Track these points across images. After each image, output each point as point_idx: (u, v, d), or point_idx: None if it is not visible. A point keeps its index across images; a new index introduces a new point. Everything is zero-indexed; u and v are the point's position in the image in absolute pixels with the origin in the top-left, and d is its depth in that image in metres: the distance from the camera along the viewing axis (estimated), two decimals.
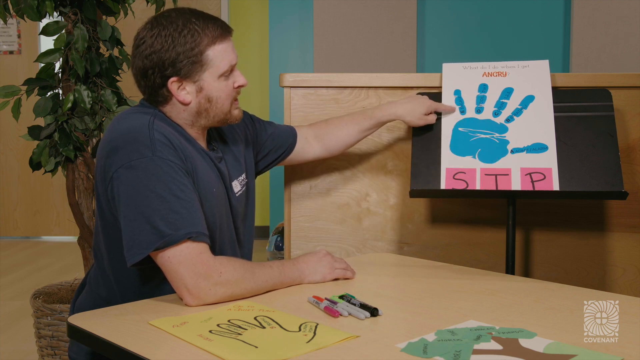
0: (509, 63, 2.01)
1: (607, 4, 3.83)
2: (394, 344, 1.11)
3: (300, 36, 4.61)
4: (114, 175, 1.36)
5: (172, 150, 1.39)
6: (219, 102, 1.49)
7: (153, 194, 1.32)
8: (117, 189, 1.35)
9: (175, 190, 1.34)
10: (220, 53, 1.46)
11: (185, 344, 1.12)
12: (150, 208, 1.31)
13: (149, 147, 1.36)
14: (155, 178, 1.33)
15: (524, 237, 2.13)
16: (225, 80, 1.49)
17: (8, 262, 4.53)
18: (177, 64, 1.42)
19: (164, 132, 1.41)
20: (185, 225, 1.31)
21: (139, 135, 1.37)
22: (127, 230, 1.33)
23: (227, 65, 1.47)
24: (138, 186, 1.33)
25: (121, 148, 1.37)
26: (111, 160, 1.37)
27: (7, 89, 2.39)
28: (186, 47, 1.42)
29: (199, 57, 1.43)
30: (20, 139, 5.13)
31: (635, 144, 2.05)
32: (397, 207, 2.15)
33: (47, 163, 2.44)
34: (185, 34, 1.42)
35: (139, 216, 1.31)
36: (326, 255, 1.55)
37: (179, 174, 1.36)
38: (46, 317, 2.38)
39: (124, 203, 1.34)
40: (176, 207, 1.32)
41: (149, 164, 1.34)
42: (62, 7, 2.42)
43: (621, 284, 2.08)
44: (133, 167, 1.34)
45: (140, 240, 1.31)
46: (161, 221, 1.30)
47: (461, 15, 4.17)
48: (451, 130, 1.96)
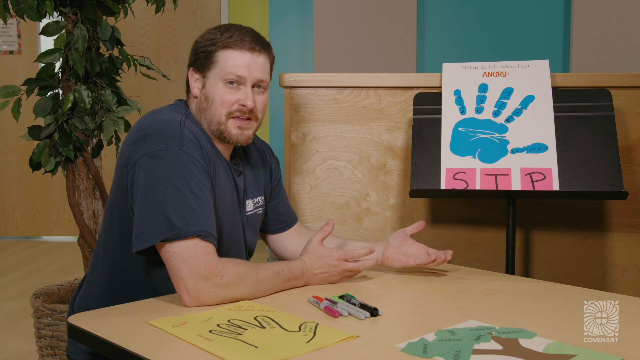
0: (509, 63, 2.01)
1: (607, 4, 3.83)
2: (394, 344, 1.11)
3: (300, 36, 4.62)
4: (138, 162, 1.38)
5: (198, 149, 1.42)
6: (213, 105, 1.50)
7: (172, 186, 1.34)
8: (137, 175, 1.37)
9: (194, 187, 1.36)
10: (228, 58, 1.49)
11: (185, 344, 1.12)
12: (167, 199, 1.33)
13: (177, 141, 1.39)
14: (177, 171, 1.35)
15: (524, 237, 2.13)
16: (229, 89, 1.50)
17: (8, 262, 4.53)
18: (197, 55, 1.54)
19: (193, 131, 1.45)
20: (196, 223, 1.32)
21: (169, 128, 1.41)
22: (140, 217, 1.35)
23: (231, 71, 1.49)
24: (159, 176, 1.35)
25: (150, 137, 1.39)
26: (137, 147, 1.40)
27: (7, 89, 2.39)
28: (207, 43, 1.52)
29: (211, 55, 1.51)
30: (20, 139, 5.13)
31: (635, 144, 2.05)
32: (397, 207, 2.15)
33: (47, 163, 2.44)
34: (212, 32, 1.54)
35: (154, 205, 1.33)
36: (335, 267, 1.52)
37: (201, 173, 1.39)
38: (46, 317, 2.38)
39: (142, 190, 1.36)
40: (192, 203, 1.34)
41: (174, 156, 1.36)
42: (62, 7, 2.42)
43: (621, 284, 2.08)
44: (158, 156, 1.36)
45: (150, 228, 1.32)
46: (174, 214, 1.32)
47: (461, 15, 4.17)
48: (451, 130, 1.96)
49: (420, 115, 2.01)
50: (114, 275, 1.50)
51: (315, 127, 2.16)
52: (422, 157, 1.94)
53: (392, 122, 2.15)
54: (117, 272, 1.50)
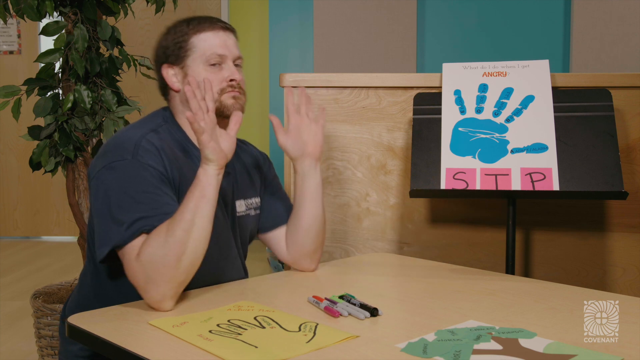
0: (509, 63, 2.01)
1: (607, 4, 3.84)
2: (393, 344, 1.11)
3: (300, 36, 4.62)
4: (96, 175, 1.42)
5: (156, 157, 1.42)
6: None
7: (125, 194, 1.36)
8: (95, 188, 1.41)
9: (147, 192, 1.37)
10: (204, 40, 1.52)
11: (185, 344, 1.12)
12: (119, 207, 1.35)
13: (131, 151, 1.41)
14: (129, 179, 1.37)
15: (524, 237, 2.13)
16: (213, 69, 1.51)
17: (8, 262, 4.53)
18: (167, 51, 1.54)
19: (155, 142, 1.45)
20: (146, 224, 1.33)
21: (126, 142, 1.43)
22: (97, 226, 1.38)
23: (211, 51, 1.51)
24: (113, 186, 1.37)
25: (109, 152, 1.43)
26: (97, 162, 1.44)
27: (7, 89, 2.39)
28: (175, 36, 1.54)
29: (185, 44, 1.52)
30: (20, 139, 5.12)
31: (635, 144, 2.05)
32: (397, 207, 2.15)
33: (47, 163, 2.44)
34: (177, 27, 1.56)
35: (108, 214, 1.35)
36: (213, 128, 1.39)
37: (156, 178, 1.39)
38: (46, 317, 2.38)
39: (99, 201, 1.38)
40: (144, 208, 1.34)
41: (127, 165, 1.39)
42: (62, 7, 2.42)
43: (621, 284, 2.08)
44: (112, 167, 1.39)
45: (105, 236, 1.35)
46: (125, 220, 1.33)
47: (461, 15, 4.17)
48: (451, 130, 1.96)
49: (420, 115, 2.01)
50: (99, 271, 1.51)
51: None
52: (422, 157, 1.94)
53: (392, 122, 2.15)
54: (101, 268, 1.50)
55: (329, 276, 1.63)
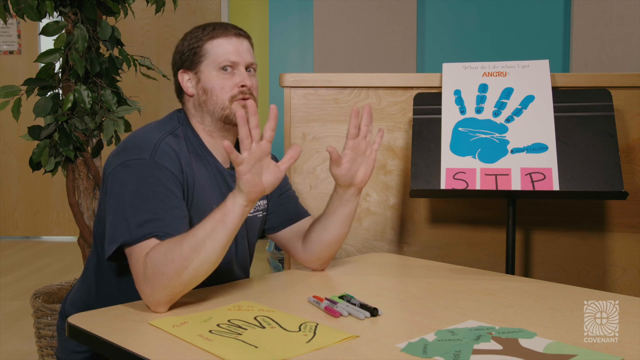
0: (509, 63, 2.01)
1: (607, 4, 3.84)
2: (393, 344, 1.11)
3: (300, 36, 4.62)
4: (112, 172, 1.42)
5: (172, 160, 1.43)
6: (213, 93, 1.53)
7: (137, 192, 1.36)
8: (110, 185, 1.41)
9: (160, 193, 1.37)
10: (217, 47, 1.54)
11: (185, 344, 1.12)
12: (131, 205, 1.35)
13: (149, 151, 1.42)
14: (144, 178, 1.38)
15: (524, 237, 2.13)
16: (225, 75, 1.53)
17: (8, 262, 4.53)
18: (183, 57, 1.57)
19: (173, 145, 1.47)
20: (156, 226, 1.33)
21: (145, 142, 1.45)
22: (109, 223, 1.38)
23: (223, 57, 1.52)
24: (128, 183, 1.38)
25: (127, 150, 1.44)
26: (114, 159, 1.44)
27: (7, 89, 2.39)
28: (190, 42, 1.56)
29: (198, 50, 1.55)
30: (20, 139, 5.12)
31: (635, 144, 2.05)
32: (397, 207, 2.15)
33: (47, 163, 2.44)
34: (192, 32, 1.58)
35: (120, 211, 1.36)
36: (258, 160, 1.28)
37: (170, 181, 1.40)
38: (46, 317, 2.38)
39: (113, 197, 1.39)
40: (155, 208, 1.35)
41: (144, 165, 1.40)
42: (62, 7, 2.42)
43: (621, 284, 2.08)
44: (129, 165, 1.40)
45: (114, 233, 1.35)
46: (136, 220, 1.33)
47: (461, 15, 4.17)
48: (451, 130, 1.96)
49: (420, 115, 2.01)
50: (103, 267, 1.52)
51: (315, 127, 2.16)
52: (422, 157, 1.94)
53: (392, 122, 2.15)
54: (105, 265, 1.51)
55: (329, 276, 1.63)
